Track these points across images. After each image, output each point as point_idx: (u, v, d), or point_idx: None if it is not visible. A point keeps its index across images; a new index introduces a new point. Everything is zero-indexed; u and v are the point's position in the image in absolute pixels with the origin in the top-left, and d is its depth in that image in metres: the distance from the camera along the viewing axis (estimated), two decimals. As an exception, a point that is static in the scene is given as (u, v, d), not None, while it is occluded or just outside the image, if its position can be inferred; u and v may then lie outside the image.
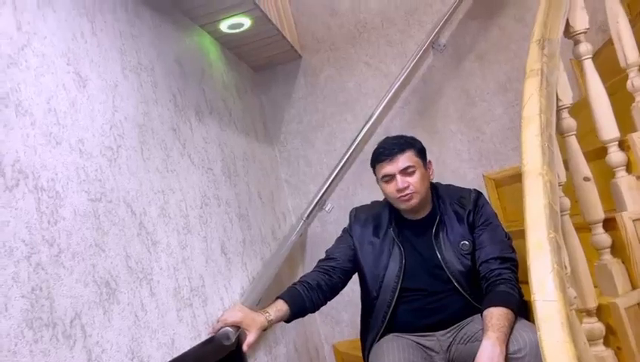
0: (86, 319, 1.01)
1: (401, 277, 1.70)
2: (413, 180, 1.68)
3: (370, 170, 1.80)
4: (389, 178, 1.70)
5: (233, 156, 2.10)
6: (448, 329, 1.69)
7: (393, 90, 2.55)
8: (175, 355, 1.30)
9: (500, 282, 1.60)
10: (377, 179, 1.78)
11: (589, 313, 1.40)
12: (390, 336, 1.69)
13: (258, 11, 2.07)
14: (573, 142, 1.50)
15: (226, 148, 2.04)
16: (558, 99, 1.51)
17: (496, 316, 1.47)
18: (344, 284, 1.79)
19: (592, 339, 1.38)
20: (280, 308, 1.59)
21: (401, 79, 2.55)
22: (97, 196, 1.15)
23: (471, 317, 1.67)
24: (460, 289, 1.67)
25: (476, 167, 2.58)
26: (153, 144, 1.47)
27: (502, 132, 2.57)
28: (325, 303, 1.74)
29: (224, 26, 2.14)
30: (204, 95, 1.96)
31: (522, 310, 1.59)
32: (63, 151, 1.08)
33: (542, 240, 1.11)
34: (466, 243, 1.69)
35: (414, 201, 1.69)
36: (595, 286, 1.53)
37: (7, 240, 0.88)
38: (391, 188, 1.70)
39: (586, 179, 1.49)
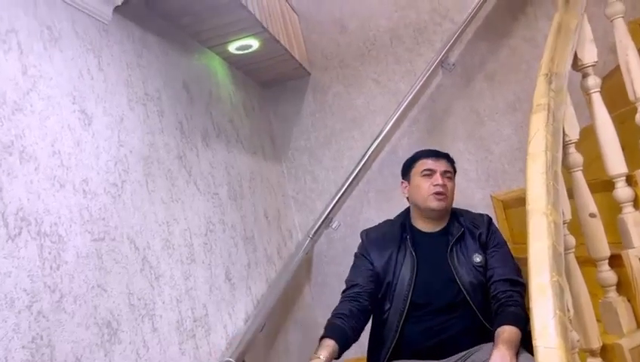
0: (87, 363, 1.02)
1: (412, 285, 1.72)
2: (450, 185, 1.80)
3: (374, 191, 1.85)
4: (430, 173, 1.79)
5: (240, 178, 2.10)
6: (455, 358, 1.68)
7: (402, 109, 2.55)
8: (176, 390, 1.31)
9: (512, 303, 1.64)
10: (410, 177, 1.85)
11: (592, 353, 1.39)
12: None
13: (267, 34, 2.07)
14: (579, 178, 1.48)
15: (233, 171, 2.05)
16: (564, 134, 1.50)
17: (507, 332, 1.52)
18: (373, 306, 1.78)
19: (597, 380, 1.37)
20: (328, 345, 1.59)
21: (410, 97, 2.54)
22: (101, 236, 1.17)
23: (479, 346, 1.66)
24: (470, 302, 1.68)
25: (484, 187, 2.57)
26: (158, 175, 1.48)
27: (510, 152, 2.55)
28: (363, 328, 1.75)
29: (232, 48, 2.14)
30: (212, 118, 1.97)
31: (525, 337, 1.60)
32: (67, 193, 1.09)
33: (544, 284, 1.11)
34: (479, 257, 1.74)
35: (444, 204, 1.76)
36: (599, 321, 1.52)
37: (8, 292, 0.89)
38: (428, 182, 1.78)
39: (592, 215, 1.48)
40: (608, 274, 1.48)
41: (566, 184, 1.42)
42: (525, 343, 1.60)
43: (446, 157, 1.86)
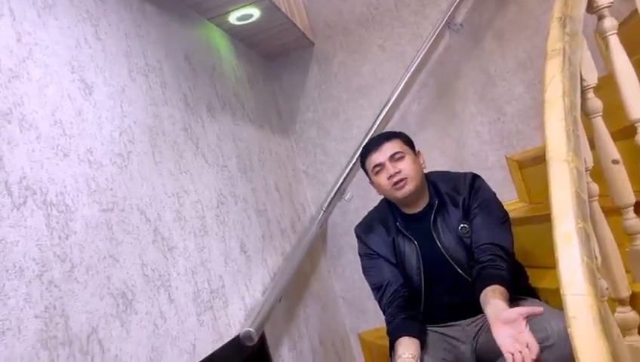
0: (103, 333, 1.00)
1: (421, 269, 1.66)
2: (404, 165, 1.65)
3: None
4: (380, 168, 1.67)
5: (249, 151, 2.07)
6: (474, 318, 1.66)
7: (409, 74, 2.49)
8: (197, 360, 1.28)
9: (491, 266, 1.56)
10: (370, 177, 1.74)
11: (621, 302, 1.35)
12: None
13: (267, 1, 2.02)
14: (599, 124, 1.43)
15: (241, 143, 2.01)
16: (582, 79, 1.44)
17: (497, 289, 1.45)
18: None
19: (625, 329, 1.33)
20: (412, 343, 1.51)
21: (417, 62, 2.48)
22: (109, 206, 1.14)
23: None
24: (468, 279, 1.61)
25: (498, 148, 2.51)
26: (165, 146, 1.45)
27: (523, 111, 2.48)
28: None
29: (233, 18, 2.09)
30: (216, 90, 1.93)
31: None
32: (71, 163, 1.06)
33: (570, 231, 1.06)
34: (466, 226, 1.65)
35: (409, 188, 1.64)
36: (627, 272, 1.47)
37: (17, 261, 0.87)
38: (383, 177, 1.66)
39: (615, 161, 1.42)
40: (634, 222, 1.43)
41: (587, 135, 1.37)
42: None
43: (387, 137, 1.70)
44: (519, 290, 1.60)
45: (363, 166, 1.76)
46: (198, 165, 1.61)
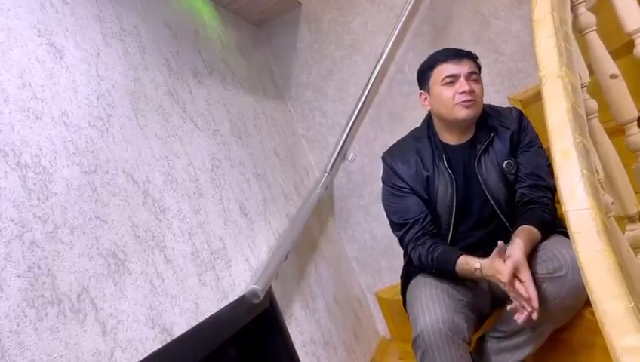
0: (95, 292, 0.98)
1: (453, 207, 1.59)
2: (478, 89, 1.55)
3: (386, 114, 1.67)
4: (453, 80, 1.54)
5: (242, 116, 2.03)
6: None
7: (401, 23, 2.41)
8: (201, 319, 1.27)
9: (537, 206, 1.52)
10: (429, 87, 1.60)
11: (631, 219, 1.29)
12: (429, 278, 1.60)
13: (244, -41, 1.96)
14: (594, 38, 1.36)
15: (233, 109, 1.97)
16: (571, -7, 1.37)
17: (527, 229, 1.43)
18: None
19: (637, 246, 1.28)
20: (467, 256, 1.47)
21: (408, 9, 2.40)
22: (91, 168, 1.11)
23: None
24: (503, 218, 1.57)
25: (499, 90, 2.43)
26: (149, 110, 1.42)
27: (522, 48, 2.40)
28: None
29: (212, -18, 2.04)
30: (201, 56, 1.89)
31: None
32: (45, 125, 1.04)
33: (567, 146, 1.01)
34: (511, 162, 1.58)
35: (474, 111, 1.54)
36: (637, 192, 1.42)
37: (-8, 221, 0.85)
38: (451, 91, 1.54)
39: (613, 76, 1.35)
40: (638, 137, 1.37)
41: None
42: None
43: (468, 55, 1.58)
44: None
45: (425, 74, 1.62)
46: (188, 129, 1.58)
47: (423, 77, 1.63)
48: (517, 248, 1.37)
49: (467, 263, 1.45)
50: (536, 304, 1.29)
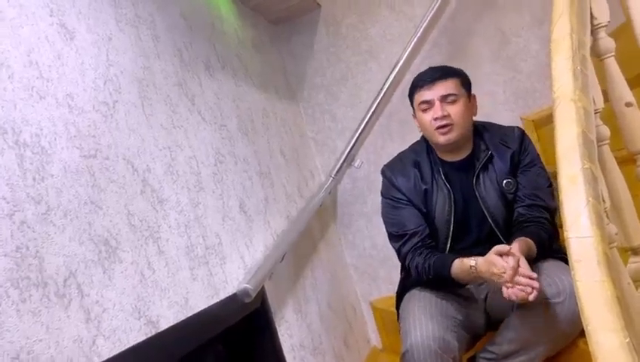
0: (82, 278, 0.97)
1: (451, 223, 1.58)
2: (454, 110, 1.53)
3: (396, 123, 1.66)
4: (428, 105, 1.55)
5: (250, 113, 2.02)
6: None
7: (419, 33, 2.40)
8: (190, 314, 1.25)
9: (534, 224, 1.51)
10: (415, 111, 1.62)
11: (635, 251, 1.26)
12: (424, 293, 1.58)
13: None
14: (611, 64, 1.33)
15: (242, 105, 1.96)
16: (593, 17, 1.35)
17: (523, 240, 1.41)
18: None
19: (639, 280, 1.25)
20: (461, 258, 1.46)
21: (428, 19, 2.38)
22: (91, 152, 1.10)
23: None
24: (501, 238, 1.55)
25: (513, 109, 2.41)
26: (156, 100, 1.41)
27: (540, 69, 2.37)
28: None
29: (232, -23, 2.04)
30: (215, 50, 1.88)
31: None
32: (49, 105, 1.03)
33: (575, 172, 0.99)
34: (511, 181, 1.57)
35: (453, 135, 1.53)
36: (643, 224, 1.39)
37: (-16, 198, 0.84)
38: (428, 117, 1.55)
39: (629, 104, 1.33)
40: (650, 168, 1.34)
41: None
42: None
43: (444, 76, 1.55)
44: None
45: (410, 97, 1.64)
46: (194, 121, 1.57)
47: (410, 101, 1.66)
48: (515, 245, 1.37)
49: (462, 263, 1.43)
50: (537, 284, 1.26)
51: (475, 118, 1.65)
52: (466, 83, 1.60)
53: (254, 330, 1.60)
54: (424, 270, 1.53)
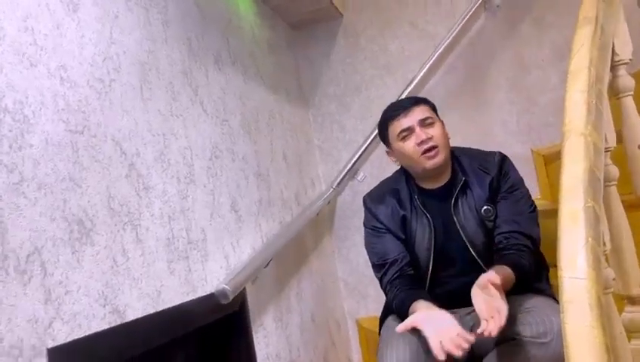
0: (48, 256, 0.93)
1: (431, 252, 1.53)
2: (435, 132, 1.50)
3: None
4: (408, 133, 1.51)
5: (256, 112, 1.98)
6: (472, 309, 1.53)
7: (438, 53, 2.36)
8: (161, 308, 1.21)
9: (511, 252, 1.44)
10: (391, 144, 1.58)
11: (631, 300, 1.20)
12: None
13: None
14: (629, 103, 1.28)
15: (249, 102, 1.92)
16: (614, 52, 1.30)
17: (501, 268, 1.34)
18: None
19: (633, 331, 1.18)
20: (430, 303, 1.40)
21: (448, 41, 2.35)
22: (78, 128, 1.07)
23: None
24: (483, 266, 1.48)
25: (525, 141, 2.35)
26: (157, 85, 1.37)
27: (557, 103, 2.31)
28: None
29: (255, -26, 2.01)
30: (228, 44, 1.85)
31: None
32: (39, 74, 0.99)
33: (577, 209, 0.94)
34: (490, 208, 1.51)
35: (440, 158, 1.49)
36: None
37: (-49, 158, 0.80)
38: (411, 144, 1.50)
39: (642, 147, 1.27)
40: (658, 216, 1.28)
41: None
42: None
43: (415, 103, 1.54)
44: (535, 288, 1.47)
45: (383, 133, 1.60)
46: (195, 112, 1.53)
47: (383, 136, 1.62)
48: (491, 270, 1.31)
49: (412, 308, 1.37)
50: (504, 321, 1.19)
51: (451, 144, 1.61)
52: (434, 109, 1.59)
53: (230, 334, 1.55)
54: (395, 305, 1.50)
